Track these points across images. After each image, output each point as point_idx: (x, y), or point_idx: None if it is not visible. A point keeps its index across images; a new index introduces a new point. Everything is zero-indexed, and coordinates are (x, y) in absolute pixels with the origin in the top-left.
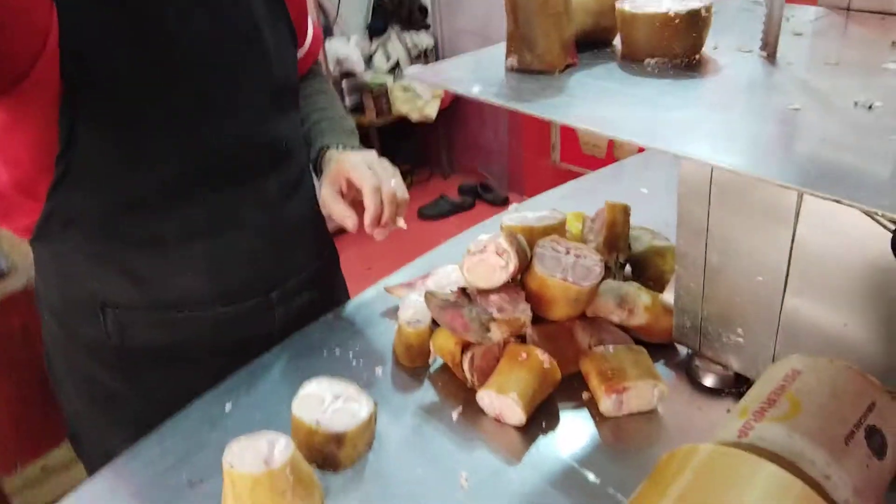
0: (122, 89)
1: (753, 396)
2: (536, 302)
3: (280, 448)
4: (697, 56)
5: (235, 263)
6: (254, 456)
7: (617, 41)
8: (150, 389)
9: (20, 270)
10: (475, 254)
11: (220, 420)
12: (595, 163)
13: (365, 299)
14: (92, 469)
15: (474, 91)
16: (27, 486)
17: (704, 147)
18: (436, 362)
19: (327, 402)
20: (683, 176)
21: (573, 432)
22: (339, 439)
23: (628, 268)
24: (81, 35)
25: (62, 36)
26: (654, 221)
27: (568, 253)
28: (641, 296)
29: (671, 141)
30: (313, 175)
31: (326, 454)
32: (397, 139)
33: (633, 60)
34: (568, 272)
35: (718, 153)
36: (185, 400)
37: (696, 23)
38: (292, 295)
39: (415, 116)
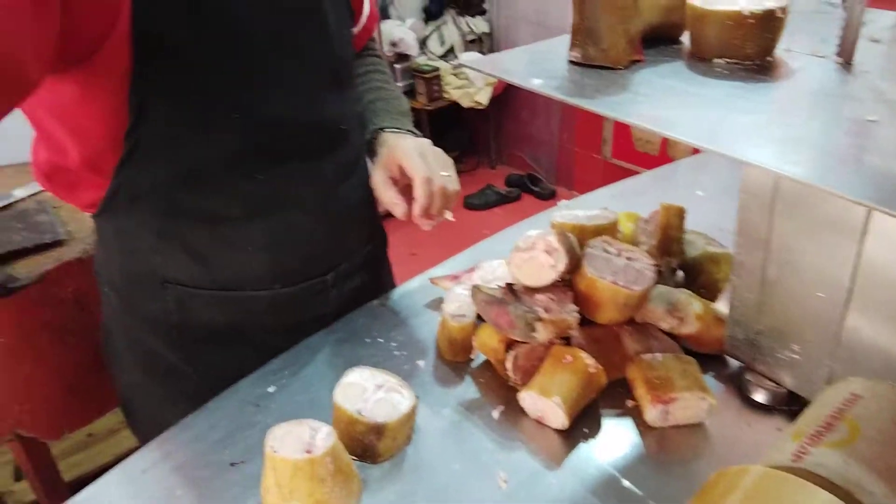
0: (187, 67)
1: (809, 419)
2: (584, 304)
3: (322, 436)
4: (769, 58)
5: (293, 243)
6: (296, 442)
7: (685, 38)
8: (208, 366)
9: (77, 240)
10: (523, 250)
11: (263, 401)
12: (648, 160)
13: (410, 289)
14: (143, 439)
15: (534, 84)
16: (72, 450)
17: (771, 154)
18: (478, 358)
19: (369, 391)
20: (746, 183)
21: (616, 440)
22: (379, 430)
23: (680, 273)
24: (150, 14)
25: (133, 16)
26: (708, 226)
27: (619, 255)
28: (693, 303)
29: (736, 146)
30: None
31: (366, 444)
32: (447, 125)
33: (700, 59)
34: (619, 275)
35: (785, 162)
36: (241, 378)
37: (770, 23)
38: (346, 277)
39: (466, 102)
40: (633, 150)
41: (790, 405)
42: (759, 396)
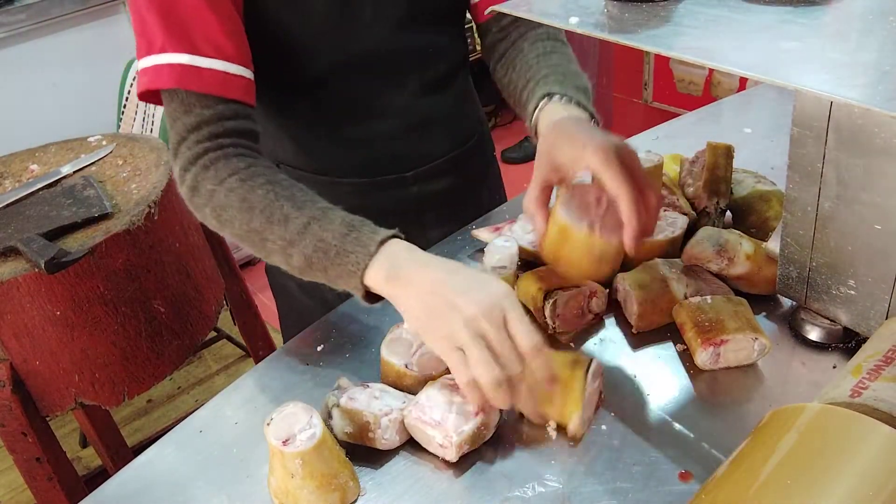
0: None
1: (868, 354)
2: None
3: (305, 436)
4: None
5: (375, 144)
6: (289, 425)
7: None
8: None
9: (123, 212)
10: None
11: (312, 360)
12: (690, 102)
13: (451, 243)
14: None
15: (572, 23)
16: (133, 417)
17: (825, 80)
18: None
19: (415, 345)
20: (798, 114)
21: (666, 384)
22: (427, 383)
23: (729, 214)
24: None
25: None
26: (758, 164)
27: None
28: (743, 243)
29: (789, 73)
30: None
31: None
32: (482, 79)
33: None
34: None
35: (841, 87)
36: None
37: None
38: (428, 178)
39: None
40: (675, 93)
41: (846, 342)
42: (814, 335)
